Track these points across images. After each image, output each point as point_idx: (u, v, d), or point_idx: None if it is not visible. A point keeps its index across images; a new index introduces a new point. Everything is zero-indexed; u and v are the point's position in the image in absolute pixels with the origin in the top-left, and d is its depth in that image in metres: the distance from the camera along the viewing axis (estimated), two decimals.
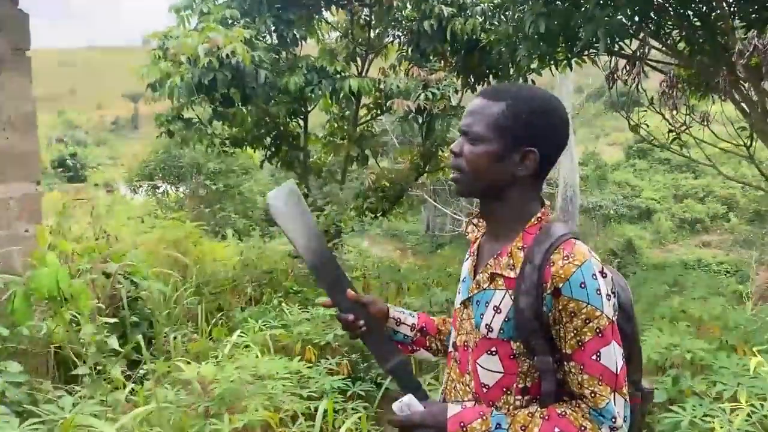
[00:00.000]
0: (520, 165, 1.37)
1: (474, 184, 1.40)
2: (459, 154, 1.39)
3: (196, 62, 6.10)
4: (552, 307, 1.28)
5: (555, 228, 1.37)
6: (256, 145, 7.96)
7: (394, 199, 7.78)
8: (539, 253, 1.31)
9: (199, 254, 7.00)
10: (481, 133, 1.36)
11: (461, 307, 1.49)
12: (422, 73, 6.35)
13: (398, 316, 1.66)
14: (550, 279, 1.27)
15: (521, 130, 1.36)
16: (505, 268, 1.37)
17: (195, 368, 3.13)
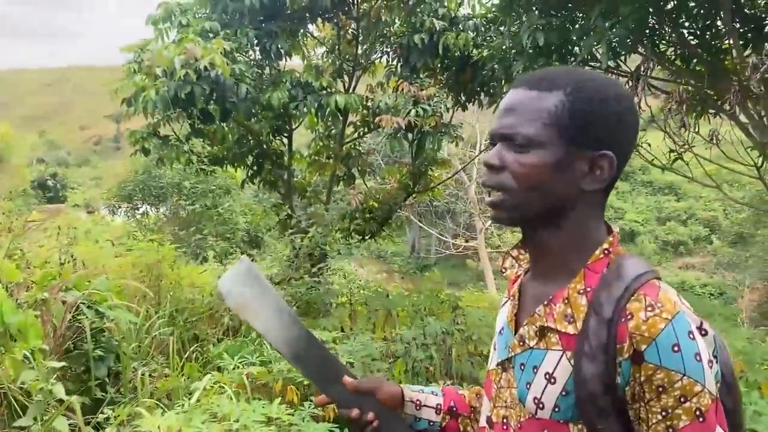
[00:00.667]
0: (589, 175, 1.02)
1: (526, 207, 1.03)
2: (500, 168, 1.02)
3: (173, 75, 5.73)
4: (630, 377, 0.93)
5: (629, 264, 1.00)
6: (237, 164, 7.57)
7: (382, 221, 7.41)
8: (610, 301, 0.96)
9: (175, 279, 6.58)
10: (534, 135, 1.00)
11: (498, 369, 1.11)
12: (412, 88, 6.03)
13: (417, 397, 1.28)
14: (627, 338, 0.92)
15: (589, 128, 1.00)
16: (561, 321, 1.00)
17: (158, 418, 2.72)
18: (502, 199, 1.03)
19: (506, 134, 1.02)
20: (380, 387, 1.24)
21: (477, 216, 17.47)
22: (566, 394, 0.98)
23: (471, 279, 19.60)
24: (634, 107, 1.05)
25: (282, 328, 1.23)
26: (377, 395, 1.23)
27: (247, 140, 7.39)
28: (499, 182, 1.03)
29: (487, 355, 3.94)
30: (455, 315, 4.79)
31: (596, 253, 1.03)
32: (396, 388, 1.27)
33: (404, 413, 1.27)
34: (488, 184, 1.05)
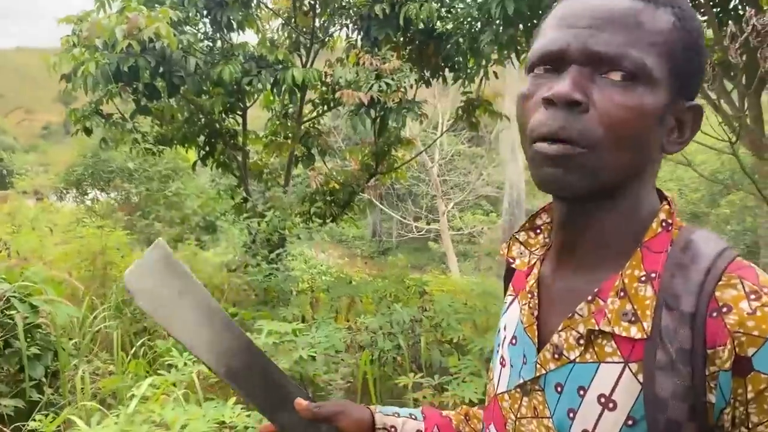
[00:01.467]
0: (675, 132, 0.75)
1: (606, 172, 0.70)
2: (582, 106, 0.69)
3: (114, 47, 5.26)
4: (732, 394, 0.65)
5: (700, 238, 0.72)
6: (188, 144, 7.12)
7: (344, 204, 7.07)
8: (689, 290, 0.68)
9: (125, 267, 6.17)
10: (650, 66, 0.69)
11: (516, 393, 0.81)
12: (374, 62, 5.68)
13: (391, 423, 0.99)
14: (727, 339, 0.65)
15: (692, 68, 0.72)
16: (618, 321, 0.71)
17: (94, 428, 2.37)
18: (576, 153, 0.69)
19: (607, 56, 0.69)
20: (344, 412, 0.96)
21: (439, 198, 17.28)
22: (633, 423, 0.69)
23: (433, 261, 19.46)
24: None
25: (211, 336, 0.92)
26: (339, 423, 0.95)
27: (198, 119, 6.94)
28: (580, 129, 0.69)
29: (458, 343, 3.66)
30: (423, 301, 4.52)
31: (653, 226, 0.74)
32: (363, 413, 0.98)
33: None
34: (555, 129, 0.69)
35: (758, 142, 5.09)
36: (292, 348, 3.52)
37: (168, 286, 0.95)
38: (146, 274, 0.95)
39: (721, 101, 5.31)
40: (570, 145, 0.69)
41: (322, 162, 7.71)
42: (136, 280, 0.95)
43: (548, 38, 0.73)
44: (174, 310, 0.94)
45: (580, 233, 0.78)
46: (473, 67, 6.57)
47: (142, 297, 0.94)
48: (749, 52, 4.44)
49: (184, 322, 0.94)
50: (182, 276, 0.96)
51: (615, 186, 0.73)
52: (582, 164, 0.69)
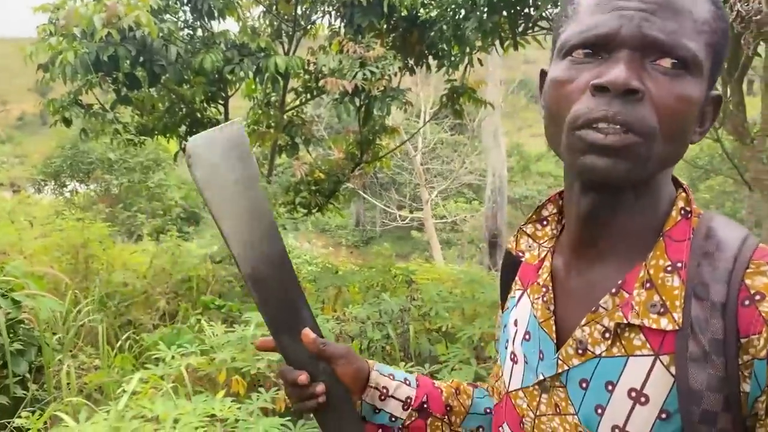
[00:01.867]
0: (706, 120, 0.74)
1: (654, 163, 0.68)
2: (639, 95, 0.66)
3: (93, 35, 5.16)
4: (767, 384, 0.64)
5: (722, 226, 0.71)
6: (169, 134, 7.02)
7: (330, 193, 7.02)
8: (718, 278, 0.67)
9: (106, 260, 6.09)
10: (701, 57, 0.67)
11: (534, 390, 0.79)
12: (358, 49, 5.62)
13: (385, 384, 0.96)
14: (763, 328, 0.64)
15: (723, 57, 0.73)
16: (646, 313, 0.69)
17: (81, 425, 2.33)
18: (633, 142, 0.66)
19: (663, 43, 0.66)
20: (345, 357, 0.93)
21: (422, 186, 17.27)
22: (667, 417, 0.67)
23: (417, 250, 19.49)
24: None
25: (250, 234, 0.88)
26: (338, 368, 0.92)
27: (179, 108, 6.85)
28: (639, 117, 0.66)
29: (447, 332, 3.65)
30: (411, 290, 4.51)
31: (672, 214, 0.73)
32: (363, 365, 0.96)
33: (362, 400, 0.96)
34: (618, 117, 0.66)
35: (740, 128, 5.13)
36: None
37: (230, 168, 0.88)
38: (213, 146, 0.89)
39: None
40: (628, 133, 0.66)
41: (306, 151, 7.65)
42: (200, 148, 0.88)
43: (592, 21, 0.69)
44: (226, 193, 0.88)
45: (605, 225, 0.75)
46: (457, 55, 6.55)
47: (200, 167, 0.87)
48: (733, 37, 4.47)
49: (231, 210, 0.89)
50: (247, 164, 0.90)
51: (652, 177, 0.72)
52: (637, 154, 0.66)
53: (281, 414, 3.01)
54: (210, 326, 3.77)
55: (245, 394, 3.17)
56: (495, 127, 15.37)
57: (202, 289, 5.57)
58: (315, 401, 0.91)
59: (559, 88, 0.71)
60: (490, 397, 1.06)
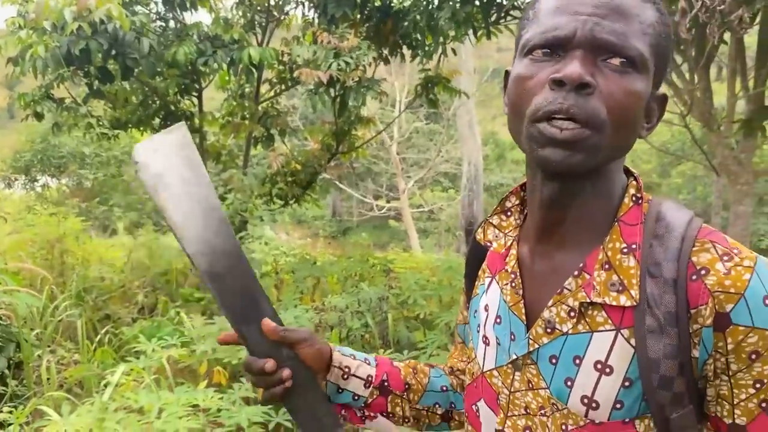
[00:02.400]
0: (653, 117, 0.82)
1: (606, 153, 0.76)
2: (590, 89, 0.72)
3: (63, 29, 5.10)
4: (713, 349, 0.73)
5: (669, 209, 0.79)
6: (143, 127, 6.96)
7: (306, 184, 7.03)
8: (668, 257, 0.75)
9: (82, 255, 6.05)
10: (646, 56, 0.75)
11: (507, 368, 0.85)
12: (332, 40, 5.63)
13: (347, 363, 1.02)
14: (708, 299, 0.72)
15: (667, 59, 0.81)
16: (606, 291, 0.76)
17: (66, 418, 2.35)
18: (585, 135, 0.72)
19: (612, 44, 0.73)
20: (307, 340, 0.97)
21: (399, 176, 17.30)
22: (630, 384, 0.75)
23: (395, 239, 19.55)
24: None
25: (203, 231, 0.91)
26: (301, 351, 0.96)
27: (153, 101, 6.80)
28: (591, 111, 0.72)
29: (425, 319, 3.72)
30: (389, 279, 4.57)
31: (625, 201, 0.80)
32: (324, 347, 1.00)
33: (326, 380, 1.01)
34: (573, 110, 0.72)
35: (707, 114, 5.26)
36: None
37: (176, 169, 0.92)
38: (158, 150, 0.92)
39: (673, 75, 5.45)
40: (580, 126, 0.72)
41: (281, 142, 7.65)
42: (146, 154, 0.92)
43: (552, 23, 0.76)
44: (174, 195, 0.92)
45: (565, 212, 0.82)
46: (431, 44, 6.58)
47: (147, 172, 0.91)
48: (699, 27, 4.57)
49: (181, 210, 0.92)
50: (193, 165, 0.93)
51: (604, 165, 0.78)
52: (589, 145, 0.73)
53: (263, 403, 3.06)
54: (189, 318, 3.79)
55: (227, 385, 3.21)
56: (470, 115, 15.44)
57: (180, 281, 5.57)
58: (282, 387, 0.94)
59: (522, 83, 0.78)
60: (446, 376, 1.12)
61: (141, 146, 0.92)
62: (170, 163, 0.92)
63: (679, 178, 17.70)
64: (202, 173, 0.93)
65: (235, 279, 0.93)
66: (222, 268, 0.92)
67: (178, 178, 0.92)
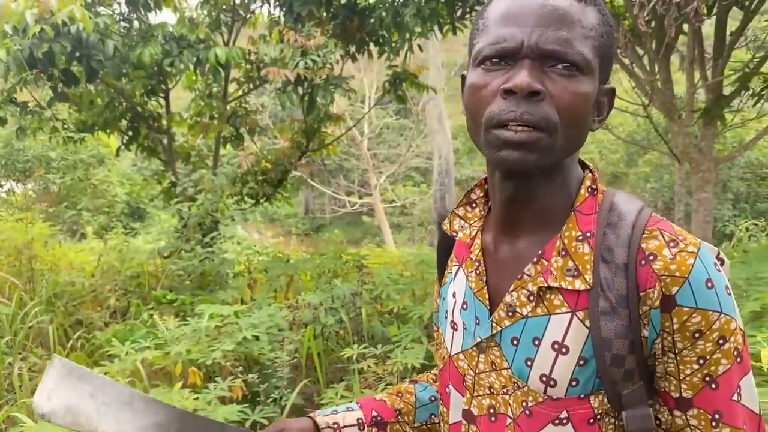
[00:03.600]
0: (595, 112, 0.86)
1: (559, 151, 0.82)
2: (540, 95, 0.78)
3: (25, 32, 5.03)
4: (661, 328, 0.79)
5: (621, 199, 0.85)
6: (109, 130, 6.89)
7: (277, 182, 7.03)
8: (620, 243, 0.81)
9: (51, 260, 5.97)
10: (589, 58, 0.80)
11: (473, 351, 0.91)
12: (299, 38, 5.64)
13: (333, 420, 1.07)
14: (656, 282, 0.78)
15: (610, 55, 0.85)
16: (563, 276, 0.82)
17: (40, 424, 2.34)
18: (538, 137, 0.78)
19: (556, 51, 0.78)
20: (284, 429, 1.02)
21: (371, 172, 17.35)
22: (584, 363, 0.81)
23: (368, 235, 19.59)
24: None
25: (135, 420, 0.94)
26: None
27: (119, 103, 6.72)
28: (543, 115, 0.78)
29: (398, 313, 3.76)
30: (362, 275, 4.60)
31: (581, 192, 0.86)
32: (304, 422, 1.05)
33: None
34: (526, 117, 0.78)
35: (669, 104, 5.37)
36: (235, 330, 3.54)
37: (78, 394, 0.95)
38: (53, 392, 0.95)
39: (634, 66, 5.56)
40: (533, 130, 0.78)
41: (251, 141, 7.63)
42: (45, 403, 0.95)
43: (500, 34, 0.81)
44: (92, 412, 0.94)
45: (525, 207, 0.87)
46: (397, 41, 6.62)
47: (57, 416, 0.94)
48: (657, 19, 4.68)
49: (106, 418, 0.94)
50: (87, 378, 0.96)
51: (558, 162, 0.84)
52: (542, 146, 0.79)
53: (238, 402, 3.08)
54: (163, 321, 3.79)
55: (202, 385, 3.22)
56: (439, 110, 15.54)
57: (152, 284, 5.54)
58: None
59: (476, 92, 0.83)
60: (431, 387, 1.17)
61: (36, 400, 0.95)
62: (69, 393, 0.95)
63: (646, 167, 17.98)
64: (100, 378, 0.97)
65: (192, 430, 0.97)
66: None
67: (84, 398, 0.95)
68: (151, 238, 8.25)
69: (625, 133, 16.22)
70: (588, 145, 31.28)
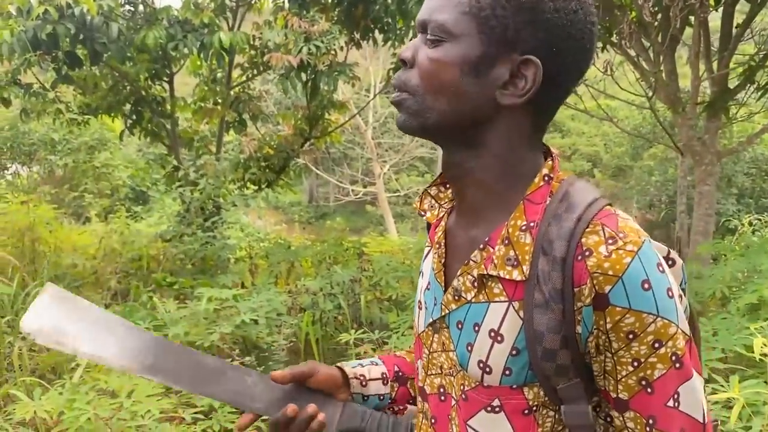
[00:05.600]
0: (509, 85, 0.80)
1: (430, 113, 0.82)
2: (410, 63, 0.84)
3: (29, 13, 5.04)
4: (594, 326, 0.77)
5: (576, 190, 0.82)
6: (113, 113, 6.90)
7: (279, 169, 7.04)
8: (561, 236, 0.78)
9: (54, 242, 6.01)
10: (449, 24, 0.79)
11: (428, 330, 0.91)
12: (303, 24, 5.63)
13: (360, 372, 1.06)
14: (588, 279, 0.75)
15: (514, 24, 0.78)
16: (503, 265, 0.81)
17: (36, 401, 2.37)
18: (403, 98, 0.84)
19: (424, 20, 0.83)
20: (314, 371, 1.01)
21: (375, 161, 17.33)
22: (517, 353, 0.80)
23: (371, 224, 19.61)
24: (586, 10, 0.81)
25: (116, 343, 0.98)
26: (311, 383, 1.01)
27: (123, 86, 6.73)
28: (404, 80, 0.84)
29: (397, 300, 3.78)
30: (361, 262, 4.62)
31: (535, 180, 0.84)
32: (332, 369, 1.04)
33: (351, 395, 1.05)
34: (393, 81, 0.87)
35: (673, 96, 5.36)
36: (234, 313, 3.56)
37: (63, 317, 0.99)
38: (41, 314, 0.99)
39: (639, 58, 5.54)
40: (399, 92, 0.85)
41: (254, 127, 7.63)
42: (34, 322, 0.98)
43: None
44: (76, 335, 0.98)
45: (458, 180, 0.88)
46: (402, 28, 6.60)
47: (42, 336, 0.98)
48: (663, 10, 4.66)
49: (89, 341, 0.97)
50: (76, 304, 1.00)
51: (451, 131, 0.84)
52: (408, 106, 0.84)
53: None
54: (162, 303, 3.81)
55: None
56: None
57: (153, 267, 5.57)
58: (318, 421, 0.97)
59: None
60: None
61: (25, 320, 0.99)
62: (56, 316, 0.99)
63: (651, 161, 17.92)
64: (87, 305, 1.01)
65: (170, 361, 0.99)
66: (152, 359, 0.98)
67: (69, 322, 0.98)
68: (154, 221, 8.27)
69: (631, 126, 16.13)
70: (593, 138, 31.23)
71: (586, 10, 0.81)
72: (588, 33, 0.82)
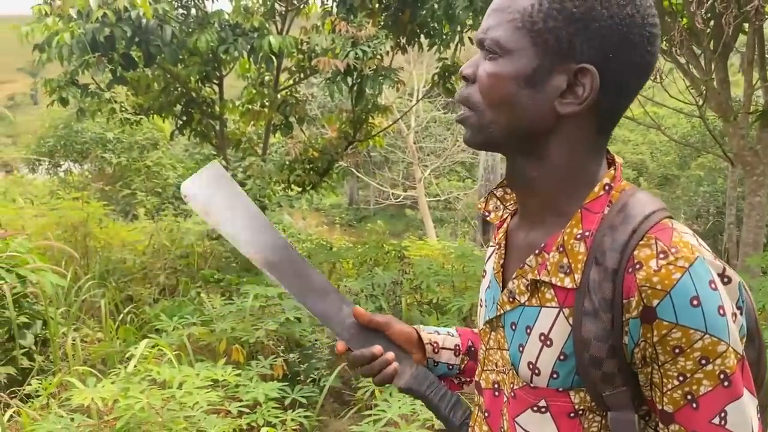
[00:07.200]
0: (568, 94, 0.82)
1: (492, 127, 0.85)
2: (471, 79, 0.86)
3: (89, 16, 5.22)
4: (641, 338, 0.79)
5: (635, 201, 0.83)
6: (165, 114, 7.09)
7: (323, 171, 7.14)
8: (614, 248, 0.79)
9: (104, 238, 6.21)
10: (503, 40, 0.82)
11: (486, 328, 0.95)
12: (350, 29, 5.70)
13: (435, 339, 1.11)
14: (636, 292, 0.77)
15: (567, 34, 0.80)
16: (556, 272, 0.83)
17: (92, 389, 2.47)
18: (467, 116, 0.88)
19: (481, 38, 0.86)
20: (390, 322, 1.07)
21: (416, 165, 17.35)
22: (565, 358, 0.83)
23: (411, 228, 19.61)
24: (643, 12, 0.81)
25: (252, 234, 1.09)
26: (389, 334, 1.06)
27: (175, 88, 6.91)
28: (466, 96, 0.88)
29: (438, 304, 3.83)
30: (402, 265, 4.66)
31: (595, 190, 0.85)
32: (410, 328, 1.10)
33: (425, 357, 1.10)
34: (456, 98, 0.91)
35: (724, 105, 5.26)
36: (278, 311, 3.64)
37: (218, 194, 1.11)
38: (201, 183, 1.11)
39: (690, 66, 5.46)
40: (463, 109, 0.88)
41: (299, 130, 7.74)
42: (192, 188, 1.11)
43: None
44: (222, 213, 1.10)
45: (521, 187, 0.92)
46: (448, 33, 6.63)
47: (196, 201, 1.10)
48: (715, 17, 4.58)
49: (230, 223, 1.09)
50: (232, 188, 1.12)
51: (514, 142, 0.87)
52: (471, 123, 0.88)
53: (279, 380, 3.17)
54: (209, 299, 3.91)
55: (244, 362, 3.33)
56: None
57: (201, 264, 5.71)
58: (393, 367, 1.03)
59: None
60: None
61: (186, 184, 1.12)
62: (213, 191, 1.11)
63: (699, 170, 17.50)
64: (239, 191, 1.13)
65: (289, 265, 1.09)
66: (276, 258, 1.09)
67: (221, 199, 1.11)
68: (201, 220, 8.46)
69: (678, 135, 15.80)
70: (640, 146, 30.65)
71: (644, 13, 0.82)
72: (647, 36, 0.82)
